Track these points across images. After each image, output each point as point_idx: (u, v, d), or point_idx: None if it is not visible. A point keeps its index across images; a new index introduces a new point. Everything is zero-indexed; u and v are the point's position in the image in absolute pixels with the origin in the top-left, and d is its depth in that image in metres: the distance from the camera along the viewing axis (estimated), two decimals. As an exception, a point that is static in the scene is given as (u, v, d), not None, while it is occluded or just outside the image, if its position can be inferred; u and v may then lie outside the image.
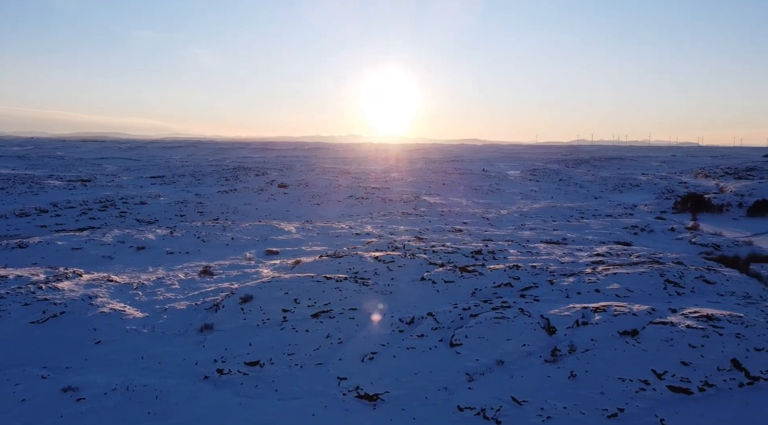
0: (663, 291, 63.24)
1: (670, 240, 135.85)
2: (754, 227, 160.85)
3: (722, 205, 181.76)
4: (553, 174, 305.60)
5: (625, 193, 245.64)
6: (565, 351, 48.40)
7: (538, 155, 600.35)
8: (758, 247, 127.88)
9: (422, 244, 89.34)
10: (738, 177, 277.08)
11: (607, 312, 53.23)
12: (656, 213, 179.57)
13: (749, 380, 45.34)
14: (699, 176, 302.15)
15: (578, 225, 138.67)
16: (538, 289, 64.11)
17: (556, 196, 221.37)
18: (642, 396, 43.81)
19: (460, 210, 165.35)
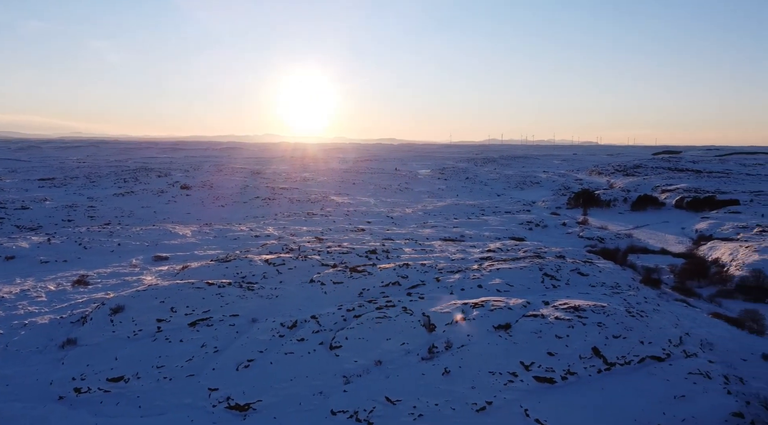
0: (540, 284, 66.41)
1: (561, 234, 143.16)
2: (636, 220, 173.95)
3: (610, 200, 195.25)
4: (461, 172, 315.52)
5: (526, 190, 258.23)
6: (442, 348, 49.59)
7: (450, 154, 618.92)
8: (636, 239, 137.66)
9: (319, 245, 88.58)
10: (626, 174, 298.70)
11: (485, 308, 55.00)
12: (552, 209, 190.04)
13: (607, 366, 48.41)
14: (593, 173, 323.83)
15: (478, 222, 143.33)
16: (425, 287, 65.49)
17: (462, 193, 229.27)
18: (510, 388, 45.56)
19: (367, 209, 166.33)
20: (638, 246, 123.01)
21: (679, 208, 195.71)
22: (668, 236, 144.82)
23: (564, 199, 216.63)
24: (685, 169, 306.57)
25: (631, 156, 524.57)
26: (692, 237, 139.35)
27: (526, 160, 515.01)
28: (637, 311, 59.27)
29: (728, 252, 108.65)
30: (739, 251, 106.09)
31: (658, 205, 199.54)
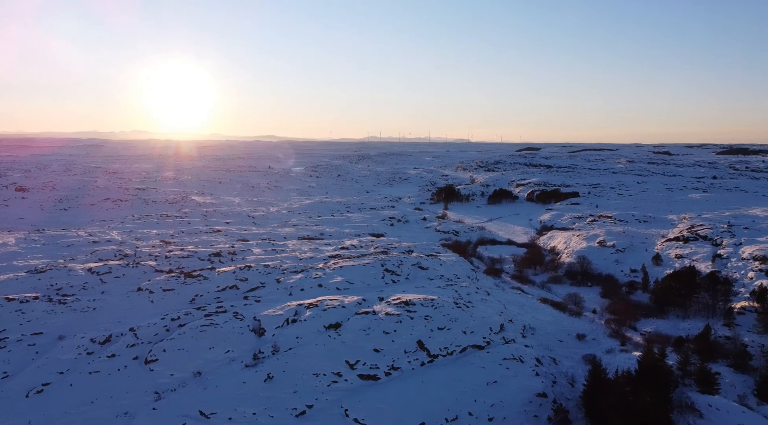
0: (381, 280, 67.28)
1: (420, 229, 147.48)
2: (491, 213, 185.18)
3: (469, 195, 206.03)
4: (334, 170, 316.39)
5: (395, 187, 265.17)
6: (269, 352, 48.08)
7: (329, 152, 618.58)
8: (488, 231, 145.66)
9: (159, 250, 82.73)
10: (487, 170, 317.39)
11: (319, 307, 54.24)
12: (416, 205, 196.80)
13: (430, 358, 49.83)
14: (459, 169, 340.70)
15: (341, 219, 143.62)
16: (264, 289, 63.49)
17: (332, 191, 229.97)
18: (333, 388, 45.16)
19: (229, 209, 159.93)
20: (488, 238, 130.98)
21: (530, 200, 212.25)
22: (517, 227, 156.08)
23: (428, 195, 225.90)
24: (539, 164, 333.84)
25: (498, 152, 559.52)
26: (537, 227, 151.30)
27: (400, 157, 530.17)
28: (464, 302, 62.12)
29: (563, 240, 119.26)
30: (571, 240, 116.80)
31: (512, 199, 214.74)
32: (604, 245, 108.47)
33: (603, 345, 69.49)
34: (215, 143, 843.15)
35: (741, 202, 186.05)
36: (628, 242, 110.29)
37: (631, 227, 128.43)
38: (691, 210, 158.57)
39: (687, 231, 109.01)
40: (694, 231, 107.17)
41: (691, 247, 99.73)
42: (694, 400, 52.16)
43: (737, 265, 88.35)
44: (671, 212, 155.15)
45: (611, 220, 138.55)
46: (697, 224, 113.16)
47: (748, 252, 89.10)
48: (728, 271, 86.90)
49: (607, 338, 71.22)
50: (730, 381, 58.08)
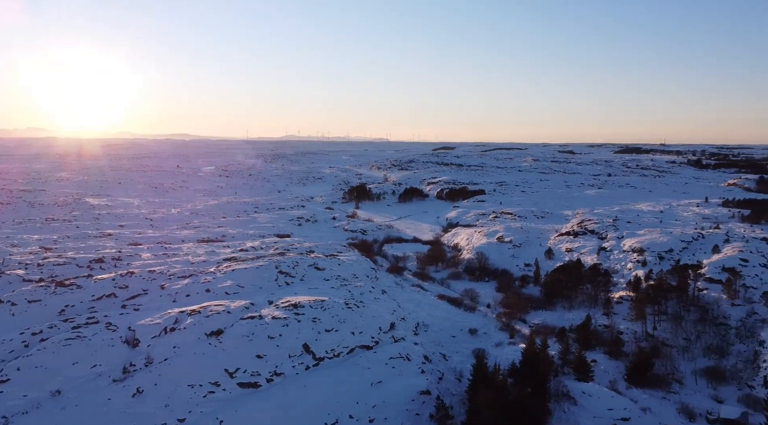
0: (274, 282, 65.35)
1: (329, 228, 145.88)
2: (402, 211, 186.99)
3: (380, 193, 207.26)
4: (246, 169, 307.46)
5: (309, 186, 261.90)
6: (142, 364, 44.97)
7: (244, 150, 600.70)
8: (396, 230, 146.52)
9: (33, 257, 75.95)
10: (401, 168, 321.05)
11: (202, 314, 51.54)
12: (328, 204, 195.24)
13: (316, 361, 48.69)
14: (373, 168, 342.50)
15: (246, 220, 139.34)
16: (147, 296, 59.68)
17: (241, 191, 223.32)
18: (210, 399, 42.91)
19: (125, 211, 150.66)
20: (395, 237, 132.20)
21: (440, 198, 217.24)
22: (424, 225, 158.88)
23: (341, 194, 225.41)
24: (450, 163, 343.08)
25: (414, 152, 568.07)
26: (443, 225, 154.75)
27: (317, 156, 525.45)
28: (356, 302, 61.61)
29: (466, 237, 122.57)
30: (473, 236, 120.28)
31: (423, 197, 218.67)
32: (502, 241, 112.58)
33: (493, 339, 71.84)
34: (122, 142, 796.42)
35: (630, 197, 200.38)
36: (524, 237, 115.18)
37: (529, 223, 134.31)
38: (585, 205, 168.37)
39: (577, 226, 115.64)
40: (583, 226, 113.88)
41: (579, 241, 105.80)
42: (570, 388, 54.88)
43: (619, 257, 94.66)
44: (568, 208, 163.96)
45: (512, 217, 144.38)
46: (587, 219, 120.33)
47: (629, 245, 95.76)
48: (611, 263, 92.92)
49: (498, 331, 73.74)
50: (605, 367, 61.73)
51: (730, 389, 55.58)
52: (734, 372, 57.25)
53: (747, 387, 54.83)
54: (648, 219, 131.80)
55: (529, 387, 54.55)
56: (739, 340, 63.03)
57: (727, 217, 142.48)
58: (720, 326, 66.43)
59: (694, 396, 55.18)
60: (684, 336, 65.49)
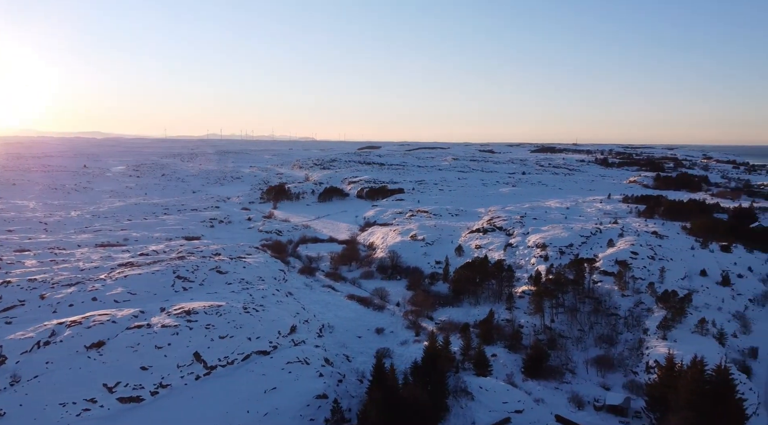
0: (171, 288, 61.84)
1: (243, 229, 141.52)
2: (321, 211, 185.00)
3: (299, 193, 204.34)
4: (159, 169, 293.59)
5: (226, 186, 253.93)
6: (6, 384, 40.96)
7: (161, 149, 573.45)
8: (312, 230, 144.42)
9: None
10: (323, 167, 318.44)
11: (83, 325, 47.55)
12: (244, 204, 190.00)
13: (207, 370, 46.23)
14: (295, 168, 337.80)
15: (153, 222, 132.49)
16: (22, 308, 54.50)
17: (152, 191, 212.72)
18: (84, 418, 39.47)
19: (17, 215, 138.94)
20: (311, 237, 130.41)
21: (360, 197, 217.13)
22: (342, 224, 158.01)
23: (259, 194, 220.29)
24: (372, 162, 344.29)
25: (340, 151, 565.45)
26: (361, 224, 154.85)
27: (239, 155, 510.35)
28: (256, 306, 59.59)
29: (381, 236, 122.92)
30: (389, 235, 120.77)
31: (343, 196, 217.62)
32: (415, 239, 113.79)
33: (400, 337, 71.89)
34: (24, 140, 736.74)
35: (541, 194, 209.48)
36: (437, 235, 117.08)
37: (444, 221, 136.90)
38: (499, 203, 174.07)
39: (487, 223, 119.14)
40: (493, 223, 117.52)
41: (488, 238, 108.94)
42: (469, 383, 55.84)
43: (524, 253, 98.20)
44: (483, 205, 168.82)
45: (427, 215, 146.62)
46: (496, 216, 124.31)
47: (533, 241, 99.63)
48: (516, 259, 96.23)
49: (405, 330, 73.96)
50: (504, 361, 63.38)
51: (617, 376, 58.66)
52: (621, 359, 60.58)
53: (632, 373, 58.07)
54: (555, 216, 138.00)
55: (429, 384, 55.31)
56: (627, 329, 66.92)
57: (626, 213, 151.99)
58: (611, 316, 70.25)
59: (584, 384, 57.76)
60: (579, 328, 68.66)
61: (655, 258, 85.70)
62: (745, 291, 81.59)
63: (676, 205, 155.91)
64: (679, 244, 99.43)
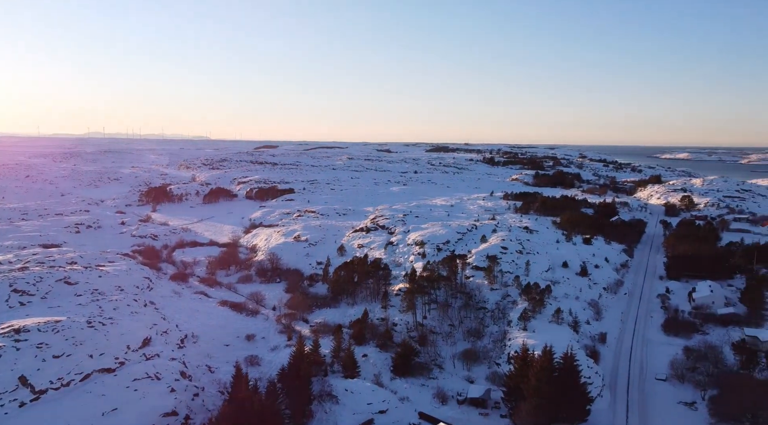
0: (4, 303, 55.44)
1: (114, 235, 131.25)
2: (205, 213, 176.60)
3: (183, 194, 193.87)
4: (23, 170, 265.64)
5: (102, 188, 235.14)
6: None
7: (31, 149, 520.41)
8: (193, 233, 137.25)
9: None
10: (212, 167, 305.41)
11: None
12: (120, 207, 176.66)
13: (35, 395, 40.56)
14: (181, 168, 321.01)
15: (6, 229, 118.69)
16: None
17: (11, 195, 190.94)
18: None
19: None
20: (189, 241, 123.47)
21: (249, 198, 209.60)
22: (227, 227, 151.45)
23: (136, 196, 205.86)
24: (265, 162, 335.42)
25: (235, 150, 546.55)
26: (246, 225, 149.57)
27: (121, 154, 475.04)
28: (103, 319, 54.36)
29: (265, 237, 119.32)
30: (272, 236, 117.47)
31: (231, 197, 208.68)
32: (299, 240, 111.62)
33: (271, 343, 69.53)
34: None
35: (430, 192, 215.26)
36: (321, 235, 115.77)
37: (330, 220, 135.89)
38: (389, 201, 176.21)
39: (371, 221, 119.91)
40: (376, 222, 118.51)
41: (370, 237, 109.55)
42: (335, 387, 54.83)
43: (403, 250, 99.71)
44: (372, 204, 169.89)
45: (315, 215, 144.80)
46: (380, 215, 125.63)
47: (412, 239, 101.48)
48: (396, 257, 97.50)
49: (277, 335, 71.66)
50: (374, 360, 63.26)
51: (482, 368, 60.68)
52: (485, 352, 62.84)
53: (495, 365, 60.35)
54: (438, 213, 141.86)
55: (293, 391, 53.94)
56: (494, 322, 69.71)
57: (505, 209, 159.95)
58: (480, 310, 72.88)
59: (451, 379, 59.15)
60: (449, 323, 70.43)
61: (523, 252, 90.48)
62: (601, 281, 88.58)
63: (550, 201, 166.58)
64: (546, 238, 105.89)
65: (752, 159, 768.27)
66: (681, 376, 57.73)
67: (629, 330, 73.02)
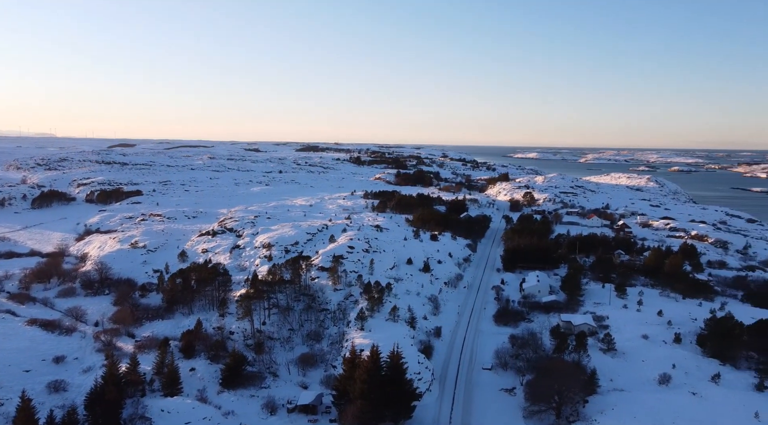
0: None
1: None
2: (33, 219, 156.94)
3: (5, 198, 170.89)
4: None
5: None
6: None
7: None
8: (11, 242, 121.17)
9: None
10: (49, 168, 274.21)
11: None
12: None
13: None
14: (10, 168, 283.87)
15: None
16: None
17: None
18: None
19: None
20: (4, 251, 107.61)
21: (90, 201, 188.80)
22: (56, 234, 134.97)
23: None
24: (113, 161, 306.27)
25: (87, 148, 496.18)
26: (81, 232, 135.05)
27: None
28: None
29: (98, 245, 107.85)
30: (107, 243, 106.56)
31: (67, 200, 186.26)
32: (136, 246, 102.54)
33: (85, 364, 61.88)
34: None
35: (292, 193, 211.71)
36: (163, 240, 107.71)
37: (177, 224, 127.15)
38: (247, 202, 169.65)
39: (219, 224, 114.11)
40: (224, 225, 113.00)
41: (217, 240, 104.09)
42: (150, 408, 49.56)
43: (250, 254, 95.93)
44: (229, 206, 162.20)
45: (161, 218, 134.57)
46: (229, 217, 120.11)
47: (260, 241, 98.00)
48: (242, 260, 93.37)
49: (94, 354, 64.01)
50: (202, 374, 59.14)
51: (319, 372, 59.41)
52: (323, 355, 61.83)
53: (331, 367, 59.45)
54: (296, 214, 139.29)
55: (100, 417, 48.52)
56: (334, 323, 69.03)
57: (363, 208, 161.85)
58: (322, 312, 71.85)
59: (285, 386, 57.10)
60: (289, 327, 68.50)
61: (370, 250, 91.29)
62: (442, 276, 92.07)
63: (405, 199, 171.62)
64: (396, 236, 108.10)
65: (588, 158, 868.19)
66: (505, 364, 61.14)
67: (464, 322, 76.34)
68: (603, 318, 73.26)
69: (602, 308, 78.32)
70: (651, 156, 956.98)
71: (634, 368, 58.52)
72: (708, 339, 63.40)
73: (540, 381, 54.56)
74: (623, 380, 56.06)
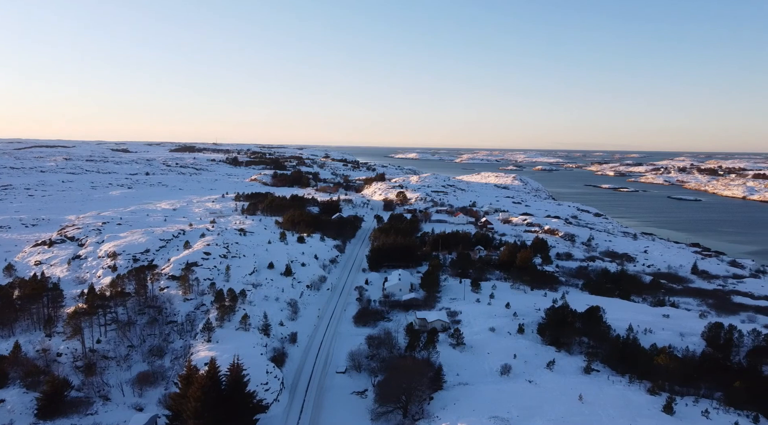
0: None
1: None
2: None
3: None
4: None
5: None
6: None
7: None
8: None
9: None
10: None
11: None
12: None
13: None
14: None
15: None
16: None
17: None
18: None
19: None
20: None
21: None
22: None
23: None
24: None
25: None
26: None
27: None
28: None
29: None
30: None
31: None
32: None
33: None
34: None
35: (157, 196, 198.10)
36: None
37: (11, 234, 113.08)
38: (104, 207, 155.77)
39: (58, 233, 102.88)
40: (65, 233, 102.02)
41: (54, 251, 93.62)
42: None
43: (93, 264, 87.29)
44: (81, 211, 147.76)
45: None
46: (71, 225, 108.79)
47: (105, 250, 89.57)
48: (82, 273, 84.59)
49: None
50: (14, 405, 50.12)
51: (158, 391, 54.52)
52: (163, 372, 57.04)
53: (173, 384, 55.16)
54: (156, 218, 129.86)
55: None
56: (180, 336, 64.23)
57: (232, 210, 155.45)
58: (169, 324, 66.64)
59: (116, 410, 51.71)
60: (129, 344, 62.66)
61: (228, 256, 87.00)
62: (305, 279, 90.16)
63: (278, 201, 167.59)
64: (260, 239, 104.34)
65: (464, 158, 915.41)
66: (359, 366, 60.37)
67: (324, 326, 75.00)
68: (457, 314, 75.54)
69: (457, 303, 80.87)
70: (519, 156, 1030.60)
71: (480, 361, 60.57)
72: (546, 328, 67.57)
73: (389, 381, 54.25)
74: (469, 373, 57.71)
